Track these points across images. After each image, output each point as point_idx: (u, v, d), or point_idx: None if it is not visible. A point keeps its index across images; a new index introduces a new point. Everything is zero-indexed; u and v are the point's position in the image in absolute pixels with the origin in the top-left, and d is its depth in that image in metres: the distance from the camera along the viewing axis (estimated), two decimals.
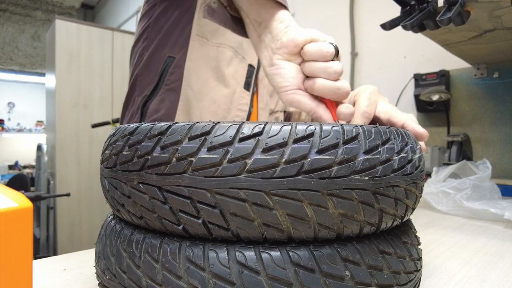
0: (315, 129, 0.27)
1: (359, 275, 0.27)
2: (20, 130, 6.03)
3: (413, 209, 0.35)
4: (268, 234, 0.26)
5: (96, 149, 2.94)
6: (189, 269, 0.26)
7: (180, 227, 0.27)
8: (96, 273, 0.35)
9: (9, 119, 6.05)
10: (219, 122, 0.27)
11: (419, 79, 1.46)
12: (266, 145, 0.26)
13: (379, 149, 0.29)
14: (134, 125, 0.31)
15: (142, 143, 0.29)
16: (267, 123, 0.27)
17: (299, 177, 0.25)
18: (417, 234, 0.38)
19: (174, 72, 0.74)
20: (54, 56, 2.75)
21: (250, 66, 0.80)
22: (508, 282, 0.43)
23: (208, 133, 0.27)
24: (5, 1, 5.28)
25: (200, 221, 0.27)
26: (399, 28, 0.77)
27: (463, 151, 1.23)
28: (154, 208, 0.28)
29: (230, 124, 0.27)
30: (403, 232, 0.34)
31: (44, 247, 2.91)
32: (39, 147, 3.23)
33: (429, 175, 1.05)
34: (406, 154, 0.31)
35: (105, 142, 0.35)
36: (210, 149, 0.26)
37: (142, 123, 0.31)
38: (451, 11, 0.67)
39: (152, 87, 0.76)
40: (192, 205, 0.26)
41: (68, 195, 1.75)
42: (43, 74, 5.20)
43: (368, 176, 0.27)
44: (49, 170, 2.91)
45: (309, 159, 0.26)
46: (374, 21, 1.48)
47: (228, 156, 0.26)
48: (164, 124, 0.29)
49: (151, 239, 0.29)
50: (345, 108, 0.44)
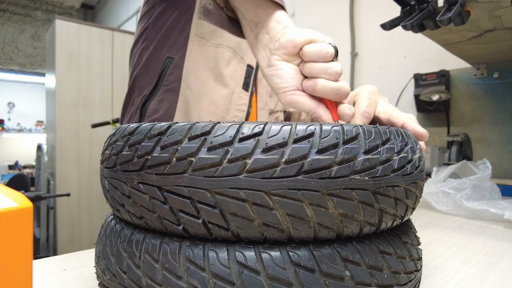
0: (315, 129, 0.27)
1: (359, 275, 0.27)
2: (20, 130, 6.03)
3: (413, 209, 0.35)
4: (268, 234, 0.26)
5: (96, 149, 2.94)
6: (189, 269, 0.26)
7: (180, 227, 0.27)
8: (96, 273, 0.35)
9: (9, 119, 6.05)
10: (219, 122, 0.27)
11: (419, 79, 1.46)
12: (266, 145, 0.26)
13: (379, 149, 0.29)
14: (134, 125, 0.31)
15: (142, 143, 0.29)
16: (267, 123, 0.27)
17: (299, 177, 0.26)
18: (417, 234, 0.38)
19: (173, 72, 0.74)
20: (54, 56, 2.75)
21: (249, 66, 0.80)
22: (508, 282, 0.43)
23: (208, 133, 0.27)
24: (5, 1, 5.28)
25: (200, 221, 0.27)
26: (399, 28, 0.77)
27: (463, 151, 1.23)
28: (154, 208, 0.28)
29: (230, 124, 0.27)
30: (403, 232, 0.34)
31: (44, 247, 2.91)
32: (39, 147, 3.23)
33: (429, 175, 1.05)
34: (406, 154, 0.31)
35: (105, 142, 0.35)
36: (210, 149, 0.26)
37: (142, 123, 0.31)
38: (451, 11, 0.67)
39: (151, 87, 0.76)
40: (192, 205, 0.26)
41: (68, 195, 1.75)
42: (43, 74, 5.20)
43: (368, 176, 0.27)
44: (49, 170, 2.91)
45: (309, 159, 0.26)
46: (374, 21, 1.48)
47: (228, 156, 0.26)
48: (164, 124, 0.29)
49: (151, 239, 0.29)
50: (348, 109, 0.44)
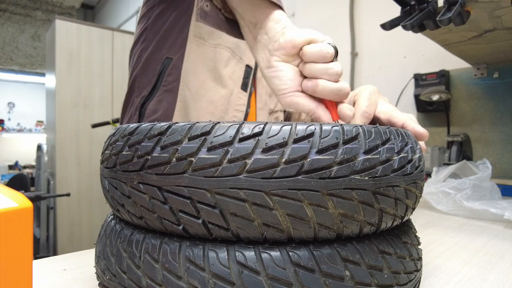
0: (315, 129, 0.27)
1: (359, 275, 0.27)
2: (20, 130, 6.03)
3: (413, 209, 0.35)
4: (268, 234, 0.26)
5: (96, 149, 2.94)
6: (189, 269, 0.26)
7: (180, 227, 0.27)
8: (96, 273, 0.35)
9: (9, 119, 6.05)
10: (219, 122, 0.27)
11: (419, 79, 1.46)
12: (266, 145, 0.26)
13: (379, 149, 0.29)
14: (134, 125, 0.31)
15: (142, 143, 0.29)
16: (267, 123, 0.27)
17: (299, 177, 0.25)
18: (417, 234, 0.38)
19: (171, 73, 0.75)
20: (54, 56, 2.75)
21: (248, 66, 0.80)
22: (508, 282, 0.43)
23: (208, 133, 0.27)
24: (5, 1, 5.28)
25: (200, 221, 0.27)
26: (399, 28, 0.77)
27: (463, 151, 1.23)
28: (154, 208, 0.28)
29: (230, 124, 0.27)
30: (403, 232, 0.34)
31: (44, 247, 2.91)
32: (39, 147, 3.23)
33: (429, 175, 1.05)
34: (406, 154, 0.31)
35: (105, 142, 0.35)
36: (210, 149, 0.26)
37: (142, 123, 0.31)
38: (451, 11, 0.67)
39: (150, 88, 0.76)
40: (192, 205, 0.26)
41: (68, 195, 1.75)
42: (43, 74, 5.20)
43: (368, 176, 0.27)
44: (49, 170, 2.91)
45: (309, 159, 0.26)
46: (374, 21, 1.48)
47: (228, 156, 0.26)
48: (164, 124, 0.29)
49: (151, 239, 0.29)
50: (348, 110, 0.44)
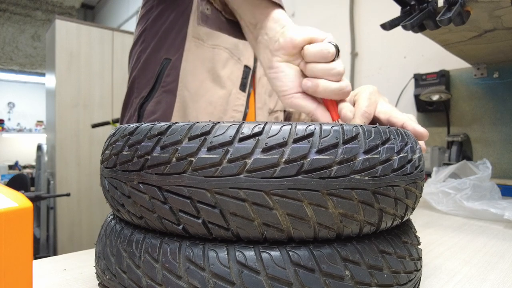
0: (315, 129, 0.27)
1: (359, 275, 0.27)
2: (20, 130, 6.03)
3: (413, 208, 0.35)
4: (268, 234, 0.26)
5: (96, 149, 2.94)
6: (189, 269, 0.26)
7: (180, 227, 0.27)
8: (96, 273, 0.35)
9: (9, 119, 6.05)
10: (219, 122, 0.27)
11: (419, 79, 1.46)
12: (266, 145, 0.26)
13: (379, 149, 0.29)
14: (134, 125, 0.31)
15: (142, 143, 0.29)
16: (266, 123, 0.27)
17: (299, 176, 0.26)
18: (417, 234, 0.38)
19: (170, 74, 0.75)
20: (54, 56, 2.75)
21: (246, 67, 0.80)
22: (508, 282, 0.43)
23: (208, 133, 0.27)
24: (5, 1, 5.28)
25: (200, 221, 0.27)
26: (399, 28, 0.77)
27: (463, 151, 1.23)
28: (154, 208, 0.28)
29: (230, 124, 0.27)
30: (403, 232, 0.34)
31: (44, 247, 2.91)
32: (39, 147, 3.23)
33: (429, 175, 1.05)
34: (406, 154, 0.31)
35: (105, 142, 0.35)
36: (210, 149, 0.26)
37: (142, 123, 0.31)
38: (451, 11, 0.67)
39: (149, 88, 0.76)
40: (192, 205, 0.26)
41: (68, 195, 1.75)
42: (43, 74, 5.20)
43: (368, 176, 0.27)
44: (49, 170, 2.91)
45: (309, 159, 0.26)
46: (374, 21, 1.48)
47: (228, 156, 0.26)
48: (164, 124, 0.29)
49: (151, 239, 0.29)
50: (349, 112, 0.44)
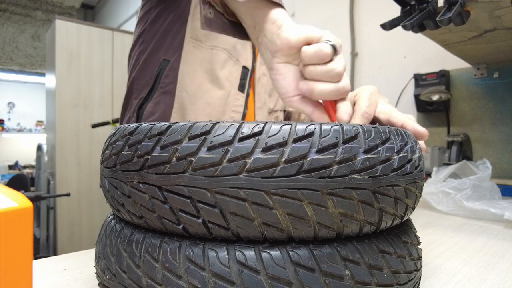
0: (315, 128, 0.27)
1: (359, 275, 0.27)
2: (20, 130, 6.03)
3: (413, 208, 0.35)
4: (268, 234, 0.26)
5: (96, 149, 2.94)
6: (189, 269, 0.26)
7: (180, 227, 0.27)
8: (96, 273, 0.35)
9: (9, 119, 6.05)
10: (219, 122, 0.27)
11: (419, 79, 1.46)
12: (266, 145, 0.26)
13: (379, 149, 0.29)
14: (134, 125, 0.31)
15: (142, 143, 0.29)
16: (266, 122, 0.27)
17: (299, 176, 0.26)
18: (417, 234, 0.38)
19: (168, 75, 0.75)
20: (54, 56, 2.75)
21: (244, 68, 0.80)
22: (508, 282, 0.43)
23: (208, 132, 0.27)
24: (5, 1, 5.28)
25: (200, 220, 0.27)
26: (399, 28, 0.77)
27: (463, 151, 1.23)
28: (154, 207, 0.28)
29: (230, 124, 0.27)
30: (403, 232, 0.34)
31: (44, 247, 2.91)
32: (39, 147, 3.23)
33: (429, 175, 1.05)
34: (405, 154, 0.31)
35: (105, 142, 0.35)
36: (210, 149, 0.26)
37: (142, 123, 0.31)
38: (451, 11, 0.67)
39: (147, 90, 0.76)
40: (192, 205, 0.26)
41: (68, 195, 1.76)
42: (43, 74, 5.20)
43: (368, 176, 0.27)
44: (49, 170, 2.91)
45: (308, 159, 0.26)
46: (374, 21, 1.48)
47: (228, 155, 0.26)
48: (164, 124, 0.29)
49: (151, 238, 0.29)
50: (345, 115, 0.43)
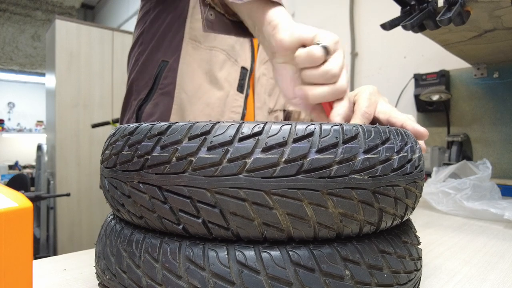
0: (315, 128, 0.27)
1: (359, 275, 0.27)
2: (20, 130, 6.03)
3: (413, 208, 0.35)
4: (268, 234, 0.26)
5: (96, 149, 2.94)
6: (189, 269, 0.26)
7: (180, 227, 0.27)
8: (96, 273, 0.35)
9: (9, 119, 6.05)
10: (219, 122, 0.27)
11: (419, 79, 1.46)
12: (266, 145, 0.26)
13: (379, 149, 0.29)
14: (134, 125, 0.31)
15: (142, 143, 0.29)
16: (266, 122, 0.27)
17: (299, 176, 0.26)
18: (417, 234, 0.38)
19: (167, 76, 0.75)
20: (54, 56, 2.75)
21: (243, 68, 0.80)
22: (508, 282, 0.43)
23: (208, 132, 0.27)
24: (5, 1, 5.28)
25: (200, 220, 0.27)
26: (399, 28, 0.77)
27: (463, 151, 1.23)
28: (154, 207, 0.28)
29: (230, 124, 0.27)
30: (403, 232, 0.34)
31: (44, 247, 2.91)
32: (39, 147, 3.23)
33: (429, 175, 1.05)
34: (405, 154, 0.31)
35: (105, 142, 0.35)
36: (210, 149, 0.26)
37: (142, 123, 0.31)
38: (451, 11, 0.67)
39: (147, 91, 0.76)
40: (192, 205, 0.26)
41: (68, 195, 1.76)
42: (43, 74, 5.20)
43: (368, 176, 0.27)
44: (49, 170, 2.91)
45: (308, 159, 0.26)
46: (374, 21, 1.48)
47: (228, 155, 0.26)
48: (164, 124, 0.29)
49: (151, 238, 0.29)
50: (337, 116, 0.43)
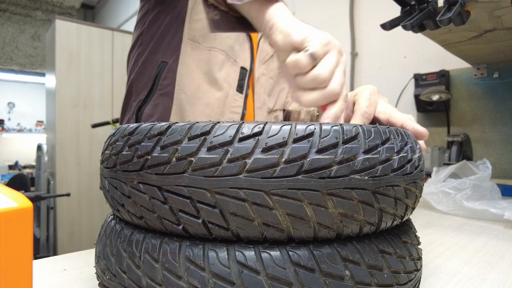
0: (315, 128, 0.27)
1: (359, 275, 0.27)
2: (20, 130, 6.03)
3: (413, 208, 0.35)
4: (268, 234, 0.26)
5: (96, 149, 2.94)
6: (189, 269, 0.26)
7: (180, 227, 0.27)
8: (96, 273, 0.35)
9: (9, 119, 6.05)
10: (218, 122, 0.27)
11: (419, 79, 1.46)
12: (266, 145, 0.26)
13: (379, 149, 0.29)
14: (134, 125, 0.31)
15: (142, 143, 0.29)
16: (266, 122, 0.27)
17: (299, 176, 0.25)
18: (417, 234, 0.38)
19: (167, 77, 0.75)
20: (54, 56, 2.75)
21: (243, 68, 0.80)
22: (508, 282, 0.43)
23: (208, 133, 0.27)
24: (5, 1, 5.28)
25: (200, 221, 0.27)
26: (399, 28, 0.77)
27: (463, 151, 1.23)
28: (154, 208, 0.28)
29: (230, 124, 0.27)
30: (403, 232, 0.34)
31: (44, 247, 2.91)
32: (39, 147, 3.23)
33: (429, 175, 1.05)
34: (405, 154, 0.31)
35: (105, 142, 0.35)
36: (210, 149, 0.26)
37: (142, 123, 0.31)
38: (451, 11, 0.67)
39: (146, 92, 0.76)
40: (192, 205, 0.26)
41: (68, 195, 1.76)
42: (43, 74, 5.20)
43: (368, 176, 0.27)
44: (49, 170, 2.91)
45: (308, 159, 0.26)
46: (374, 21, 1.48)
47: (228, 156, 0.26)
48: (164, 124, 0.29)
49: (151, 239, 0.29)
50: (326, 120, 0.43)
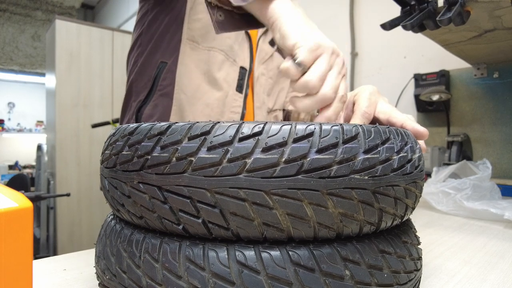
0: (315, 128, 0.27)
1: (359, 275, 0.27)
2: (20, 130, 6.03)
3: (413, 208, 0.35)
4: (268, 234, 0.26)
5: (96, 149, 2.94)
6: (189, 269, 0.26)
7: (180, 227, 0.27)
8: (96, 273, 0.35)
9: (9, 119, 6.05)
10: (218, 122, 0.27)
11: (419, 79, 1.46)
12: (266, 145, 0.26)
13: (379, 149, 0.29)
14: (134, 125, 0.31)
15: (142, 143, 0.29)
16: (266, 122, 0.27)
17: (299, 176, 0.26)
18: (417, 234, 0.38)
19: (166, 77, 0.75)
20: (54, 56, 2.75)
21: (242, 68, 0.80)
22: (508, 282, 0.43)
23: (208, 132, 0.27)
24: (5, 1, 5.28)
25: (200, 220, 0.27)
26: (399, 28, 0.77)
27: (463, 151, 1.23)
28: (154, 207, 0.28)
29: (230, 124, 0.27)
30: (403, 232, 0.34)
31: (44, 247, 2.91)
32: (39, 147, 3.23)
33: (429, 175, 1.05)
34: (405, 154, 0.31)
35: (105, 142, 0.35)
36: (210, 149, 0.26)
37: (142, 123, 0.31)
38: (451, 11, 0.67)
39: (146, 92, 0.76)
40: (192, 205, 0.26)
41: (68, 195, 1.76)
42: (43, 74, 5.20)
43: (368, 176, 0.27)
44: (49, 170, 2.91)
45: (308, 159, 0.26)
46: (374, 21, 1.48)
47: (228, 155, 0.26)
48: (164, 124, 0.29)
49: (151, 239, 0.29)
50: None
